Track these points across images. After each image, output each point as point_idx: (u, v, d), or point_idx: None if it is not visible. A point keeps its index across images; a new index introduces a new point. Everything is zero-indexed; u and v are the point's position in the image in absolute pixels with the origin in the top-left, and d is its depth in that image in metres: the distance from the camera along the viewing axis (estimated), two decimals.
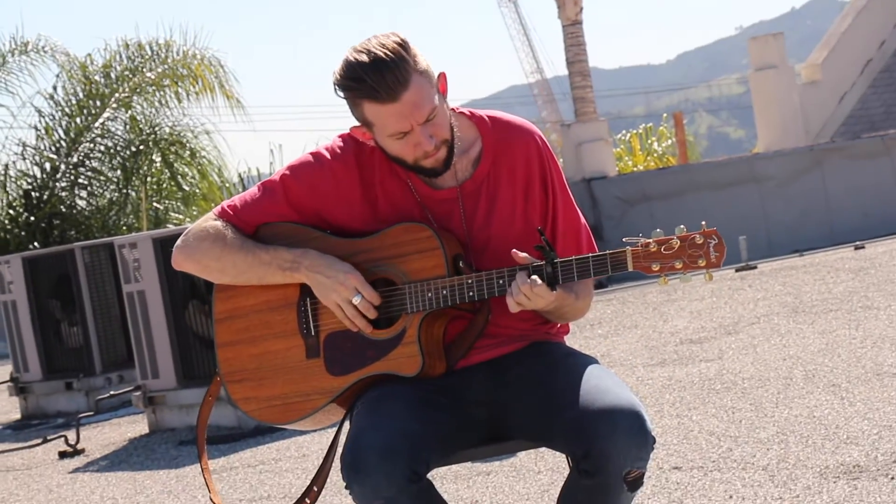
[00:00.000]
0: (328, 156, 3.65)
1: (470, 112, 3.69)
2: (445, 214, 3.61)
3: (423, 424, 3.38)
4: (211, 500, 3.86)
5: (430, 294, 3.48)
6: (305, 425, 3.71)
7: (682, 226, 3.35)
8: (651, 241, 3.34)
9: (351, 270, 3.52)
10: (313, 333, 3.61)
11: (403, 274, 3.53)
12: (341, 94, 3.48)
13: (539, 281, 3.37)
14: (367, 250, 3.58)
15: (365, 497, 3.29)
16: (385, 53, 3.38)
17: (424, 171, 3.54)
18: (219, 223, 3.68)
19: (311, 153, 3.69)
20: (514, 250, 3.43)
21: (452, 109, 3.61)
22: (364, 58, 3.39)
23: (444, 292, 3.47)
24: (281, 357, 3.65)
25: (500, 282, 3.44)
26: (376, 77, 3.38)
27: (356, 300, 3.50)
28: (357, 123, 3.55)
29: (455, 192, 3.61)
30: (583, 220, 3.73)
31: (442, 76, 3.53)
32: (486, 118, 3.68)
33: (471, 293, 3.47)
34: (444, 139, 3.49)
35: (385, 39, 3.43)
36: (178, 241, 3.73)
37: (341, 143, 3.66)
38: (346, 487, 3.31)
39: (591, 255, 3.40)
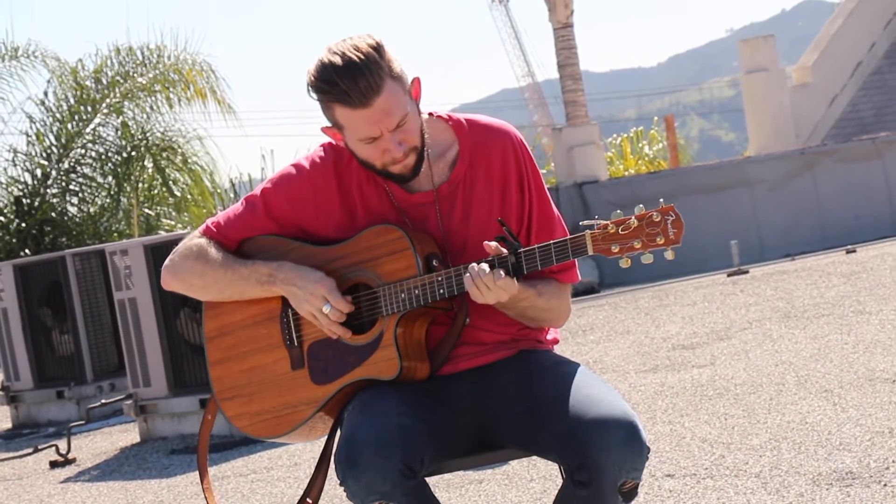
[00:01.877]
0: (307, 166, 3.68)
1: (448, 116, 3.71)
2: (422, 218, 3.63)
3: (415, 422, 3.38)
4: None
5: (403, 295, 3.50)
6: (296, 438, 3.72)
7: (640, 205, 3.36)
8: (609, 222, 3.35)
9: (321, 279, 3.55)
10: (296, 344, 3.64)
11: (378, 277, 3.55)
12: (314, 95, 3.49)
13: (502, 274, 3.37)
14: (342, 256, 3.60)
15: (360, 493, 3.29)
16: (359, 57, 3.40)
17: (393, 177, 3.57)
18: (202, 241, 3.74)
19: (292, 164, 3.73)
20: (485, 242, 3.43)
21: (430, 114, 3.65)
22: (338, 60, 3.41)
23: (417, 292, 3.49)
24: (268, 370, 3.67)
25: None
26: (349, 82, 3.39)
27: (326, 309, 3.53)
28: (328, 124, 3.56)
29: (431, 196, 3.63)
30: (559, 218, 3.73)
31: (416, 81, 3.55)
32: (464, 121, 3.69)
33: (441, 290, 3.48)
34: (414, 146, 3.52)
35: (360, 42, 3.43)
36: (166, 261, 3.79)
37: (322, 153, 3.69)
38: (341, 484, 3.32)
39: (552, 241, 3.41)
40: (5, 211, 21.09)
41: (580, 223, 3.39)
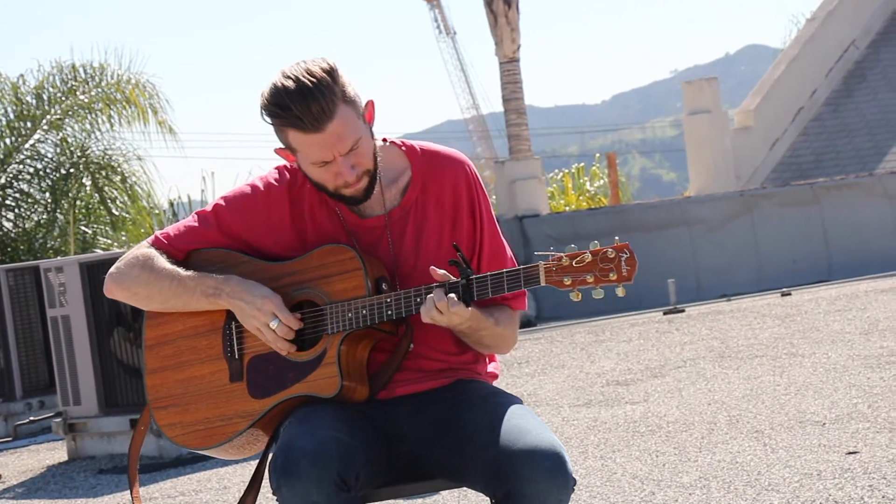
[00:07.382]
0: (261, 186, 3.70)
1: (402, 142, 3.73)
2: (373, 242, 3.64)
3: (352, 439, 3.38)
4: None
5: (350, 314, 3.50)
6: (228, 452, 3.69)
7: (595, 241, 3.38)
8: (563, 255, 3.37)
9: (269, 295, 3.55)
10: (237, 357, 3.63)
11: (326, 295, 3.55)
12: (267, 119, 3.51)
13: (456, 299, 3.38)
14: (292, 273, 3.61)
15: (294, 501, 3.27)
16: (312, 81, 3.41)
17: (345, 200, 3.58)
18: (151, 251, 3.72)
19: (247, 184, 3.74)
20: (432, 267, 3.45)
21: (384, 140, 3.68)
22: (291, 84, 3.42)
23: (364, 312, 3.49)
24: (206, 382, 3.65)
25: (418, 300, 3.47)
26: (302, 106, 3.41)
27: (273, 324, 3.53)
28: (282, 146, 3.58)
29: (383, 220, 3.65)
30: (508, 250, 3.76)
31: (370, 104, 3.57)
32: (418, 148, 3.72)
33: (389, 312, 3.49)
34: (367, 169, 3.54)
35: (313, 66, 3.45)
36: (112, 269, 3.76)
37: (276, 175, 3.71)
38: (274, 493, 3.30)
39: (504, 270, 3.43)
40: None
41: (535, 253, 3.40)
